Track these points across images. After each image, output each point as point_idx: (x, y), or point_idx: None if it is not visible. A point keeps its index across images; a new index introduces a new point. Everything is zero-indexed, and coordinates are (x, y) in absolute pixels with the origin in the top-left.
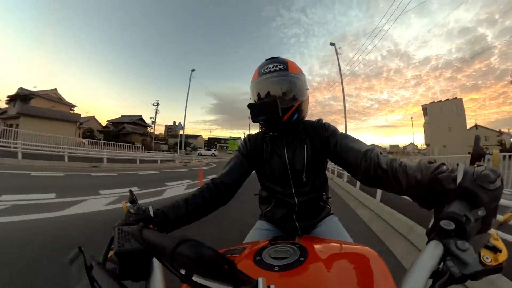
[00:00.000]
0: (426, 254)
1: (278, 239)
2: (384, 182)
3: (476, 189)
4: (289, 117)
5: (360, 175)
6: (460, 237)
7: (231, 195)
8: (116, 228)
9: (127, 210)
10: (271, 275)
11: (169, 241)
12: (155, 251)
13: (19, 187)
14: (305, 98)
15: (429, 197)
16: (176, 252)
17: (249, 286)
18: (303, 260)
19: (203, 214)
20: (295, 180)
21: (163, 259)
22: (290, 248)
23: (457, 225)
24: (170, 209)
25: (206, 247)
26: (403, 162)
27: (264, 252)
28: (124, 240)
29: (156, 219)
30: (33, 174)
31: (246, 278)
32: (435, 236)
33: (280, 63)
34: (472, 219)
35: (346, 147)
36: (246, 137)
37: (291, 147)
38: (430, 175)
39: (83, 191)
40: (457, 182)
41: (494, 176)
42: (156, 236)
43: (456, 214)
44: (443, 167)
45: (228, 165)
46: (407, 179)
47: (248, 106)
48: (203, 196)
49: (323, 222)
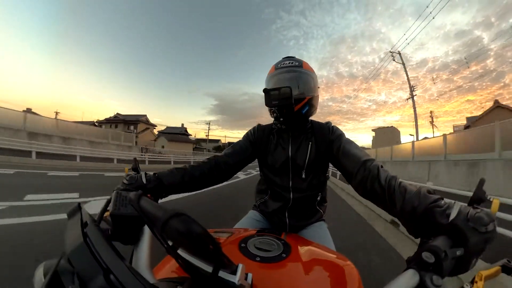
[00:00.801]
0: (402, 281)
1: (265, 231)
2: (379, 199)
3: (465, 229)
4: (300, 109)
5: (355, 182)
6: (436, 272)
7: (229, 175)
8: (115, 191)
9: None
10: (251, 264)
11: (162, 212)
12: (148, 219)
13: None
14: (315, 95)
15: (419, 226)
16: (167, 224)
17: (228, 270)
18: (284, 257)
19: (198, 187)
20: (294, 174)
21: (154, 229)
22: (275, 243)
23: (436, 260)
24: (166, 175)
25: (197, 224)
26: (402, 183)
27: (250, 241)
28: (121, 204)
29: (148, 185)
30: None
31: (227, 261)
32: (414, 265)
33: (295, 60)
34: (449, 256)
35: (348, 152)
36: (256, 126)
37: (296, 142)
38: (427, 205)
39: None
40: (450, 219)
41: (487, 220)
42: (152, 206)
43: (438, 249)
44: (441, 201)
45: (233, 147)
46: (403, 203)
47: (263, 90)
48: (201, 169)
49: (313, 226)
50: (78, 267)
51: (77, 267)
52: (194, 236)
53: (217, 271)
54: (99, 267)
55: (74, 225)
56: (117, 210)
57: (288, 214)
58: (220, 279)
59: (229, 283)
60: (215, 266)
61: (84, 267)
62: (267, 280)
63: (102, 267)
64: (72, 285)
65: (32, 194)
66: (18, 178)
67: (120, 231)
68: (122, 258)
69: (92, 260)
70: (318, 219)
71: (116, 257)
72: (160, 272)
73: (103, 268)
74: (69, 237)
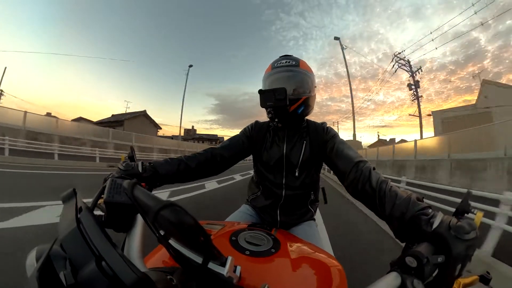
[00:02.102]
0: (384, 282)
1: (256, 226)
2: (369, 200)
3: (447, 236)
4: (295, 109)
5: (347, 183)
6: (418, 277)
7: (224, 167)
8: (110, 178)
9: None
10: (241, 257)
11: (155, 202)
12: (141, 208)
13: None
14: (312, 95)
15: (406, 231)
16: (159, 214)
17: (218, 261)
18: (273, 252)
19: (193, 177)
20: (288, 172)
21: (147, 218)
22: (265, 238)
23: (419, 265)
24: (161, 164)
25: (188, 215)
26: (392, 187)
27: (241, 235)
28: (115, 191)
29: (144, 174)
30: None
31: (217, 253)
32: (397, 269)
33: (292, 60)
34: (431, 262)
35: (341, 152)
36: (254, 122)
37: (291, 140)
38: (415, 213)
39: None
40: (433, 227)
41: (469, 228)
42: (145, 195)
43: (421, 254)
44: (429, 210)
45: (230, 140)
46: (392, 208)
47: (258, 91)
48: (198, 160)
49: (303, 224)
50: (70, 253)
51: (70, 252)
52: (185, 227)
53: (206, 262)
54: (91, 254)
55: (68, 210)
56: (111, 197)
57: (279, 211)
58: (210, 270)
59: (218, 274)
60: (205, 257)
61: (76, 253)
62: (255, 273)
63: (95, 253)
64: (64, 271)
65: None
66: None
67: (113, 219)
68: (114, 246)
69: (84, 246)
70: (308, 218)
71: (108, 244)
72: (151, 260)
73: (95, 254)
74: (62, 222)
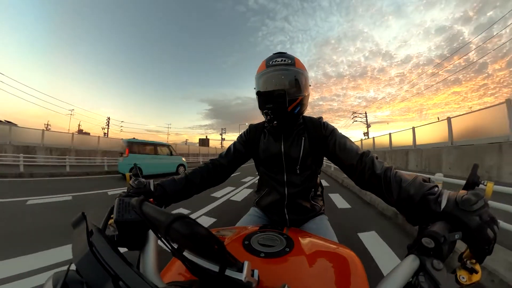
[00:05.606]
0: (403, 266)
1: (267, 227)
2: (377, 189)
3: (458, 213)
4: (293, 109)
5: (355, 176)
6: (436, 257)
7: (226, 176)
8: (117, 198)
9: (129, 183)
10: (256, 260)
11: (165, 216)
12: (151, 224)
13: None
14: (307, 94)
15: (417, 213)
16: (171, 227)
17: (235, 268)
18: (288, 251)
19: (200, 190)
20: (288, 170)
21: (159, 233)
22: (278, 238)
23: (436, 245)
24: (169, 184)
25: (200, 226)
26: (397, 172)
27: (253, 238)
28: (124, 210)
29: (155, 193)
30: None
31: (233, 260)
32: (415, 251)
33: (288, 58)
34: (448, 240)
35: (344, 147)
36: (249, 126)
37: (288, 138)
38: (422, 194)
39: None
40: (442, 207)
41: (475, 199)
42: (154, 210)
43: (437, 234)
44: (435, 189)
45: (227, 149)
46: (399, 191)
47: (256, 93)
48: (201, 175)
49: (313, 220)
50: (86, 277)
51: (86, 276)
52: (198, 238)
53: (223, 270)
54: (107, 275)
55: (79, 235)
56: (120, 216)
57: (287, 210)
58: (227, 278)
59: (236, 280)
60: (222, 265)
61: (92, 276)
62: (273, 274)
63: (111, 274)
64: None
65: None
66: None
67: (126, 237)
68: (129, 264)
69: (99, 268)
70: (318, 213)
71: (123, 263)
72: (167, 275)
73: (112, 275)
74: (75, 247)
